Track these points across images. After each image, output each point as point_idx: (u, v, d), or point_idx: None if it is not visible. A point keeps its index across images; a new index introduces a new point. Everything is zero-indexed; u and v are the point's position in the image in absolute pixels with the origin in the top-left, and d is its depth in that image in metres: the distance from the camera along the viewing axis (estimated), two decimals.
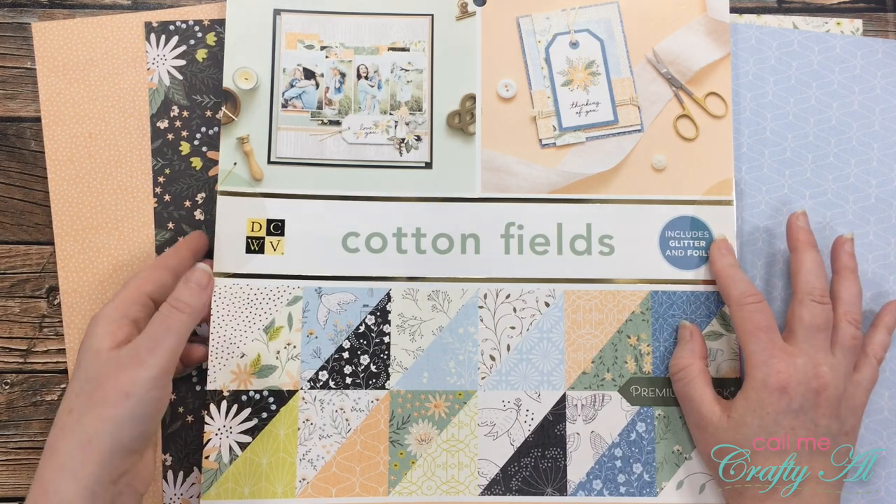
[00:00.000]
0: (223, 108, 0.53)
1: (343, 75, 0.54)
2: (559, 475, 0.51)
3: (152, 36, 0.54)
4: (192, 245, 0.52)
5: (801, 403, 0.46)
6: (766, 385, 0.46)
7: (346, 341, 0.52)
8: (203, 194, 0.53)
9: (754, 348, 0.47)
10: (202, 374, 0.53)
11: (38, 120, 0.54)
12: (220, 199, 0.52)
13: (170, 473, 0.52)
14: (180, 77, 0.54)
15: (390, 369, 0.52)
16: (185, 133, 0.54)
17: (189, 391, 0.53)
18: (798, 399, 0.46)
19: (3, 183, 0.55)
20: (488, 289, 0.53)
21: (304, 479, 0.51)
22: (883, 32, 0.57)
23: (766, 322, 0.48)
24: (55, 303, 0.54)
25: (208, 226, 0.53)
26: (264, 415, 0.51)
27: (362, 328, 0.52)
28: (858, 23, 0.56)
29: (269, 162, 0.53)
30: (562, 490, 0.51)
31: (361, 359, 0.52)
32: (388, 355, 0.52)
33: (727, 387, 0.51)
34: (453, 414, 0.52)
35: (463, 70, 0.54)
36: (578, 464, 0.51)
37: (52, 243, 0.54)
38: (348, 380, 0.52)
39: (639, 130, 0.54)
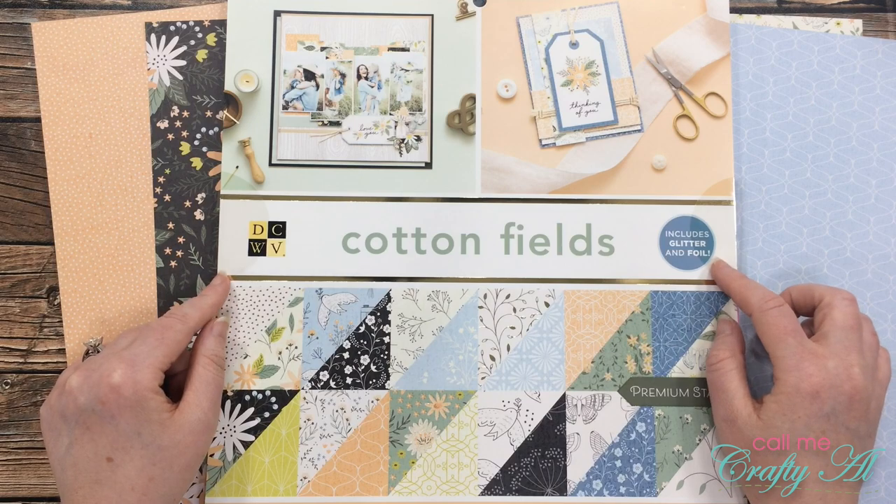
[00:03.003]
0: (225, 112, 0.53)
1: (343, 76, 0.54)
2: (559, 475, 0.51)
3: (153, 36, 0.54)
4: (218, 302, 0.51)
5: (832, 407, 0.45)
6: (798, 390, 0.45)
7: (347, 341, 0.52)
8: (203, 194, 0.53)
9: (783, 353, 0.46)
10: None
11: (38, 120, 0.54)
12: (222, 202, 0.52)
13: None
14: (180, 77, 0.54)
15: (390, 369, 0.52)
16: (185, 133, 0.54)
17: None
18: (830, 403, 0.45)
19: (3, 183, 0.55)
20: (488, 289, 0.53)
21: (305, 478, 0.51)
22: (883, 32, 0.57)
23: (791, 325, 0.47)
24: (55, 303, 0.54)
25: (208, 226, 0.53)
26: (266, 414, 0.51)
27: (362, 328, 0.52)
28: (858, 23, 0.56)
29: (271, 164, 0.53)
30: (562, 490, 0.51)
31: (362, 359, 0.52)
32: (389, 355, 0.52)
33: None
34: (453, 414, 0.52)
35: (463, 70, 0.54)
36: (578, 464, 0.51)
37: (52, 243, 0.54)
38: (349, 380, 0.52)
39: (639, 130, 0.54)
